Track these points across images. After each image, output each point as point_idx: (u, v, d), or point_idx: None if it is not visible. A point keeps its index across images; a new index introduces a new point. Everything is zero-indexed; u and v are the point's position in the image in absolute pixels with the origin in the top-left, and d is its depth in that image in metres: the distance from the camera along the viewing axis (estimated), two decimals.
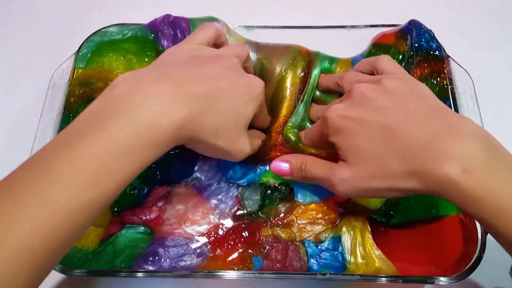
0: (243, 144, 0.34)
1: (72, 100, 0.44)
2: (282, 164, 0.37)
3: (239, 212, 0.40)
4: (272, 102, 0.44)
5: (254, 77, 0.35)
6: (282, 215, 0.40)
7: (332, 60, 0.45)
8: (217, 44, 0.39)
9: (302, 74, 0.44)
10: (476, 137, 0.27)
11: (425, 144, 0.27)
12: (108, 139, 0.25)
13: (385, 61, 0.37)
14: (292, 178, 0.38)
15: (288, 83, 0.43)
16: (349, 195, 0.36)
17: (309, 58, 0.44)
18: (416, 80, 0.34)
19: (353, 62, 0.44)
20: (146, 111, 0.26)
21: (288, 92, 0.44)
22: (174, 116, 0.27)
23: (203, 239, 0.39)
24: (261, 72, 0.44)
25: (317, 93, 0.45)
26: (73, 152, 0.24)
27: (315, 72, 0.44)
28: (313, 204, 0.40)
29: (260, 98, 0.34)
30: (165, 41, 0.45)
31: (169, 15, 0.45)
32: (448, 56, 0.45)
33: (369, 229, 0.39)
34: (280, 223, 0.40)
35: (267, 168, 0.41)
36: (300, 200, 0.40)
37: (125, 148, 0.25)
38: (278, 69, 0.43)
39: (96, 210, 0.25)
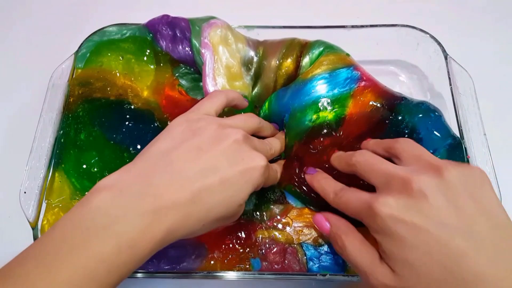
0: (237, 213, 0.33)
1: (71, 100, 0.44)
2: (323, 222, 0.34)
3: None
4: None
5: (255, 155, 0.32)
6: (278, 217, 0.40)
7: (328, 47, 0.43)
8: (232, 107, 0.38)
9: (292, 62, 0.42)
10: None
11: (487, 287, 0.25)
12: (88, 259, 0.24)
13: (408, 145, 0.32)
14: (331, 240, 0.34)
15: (283, 73, 0.43)
16: None
17: (301, 48, 0.43)
18: (478, 173, 0.29)
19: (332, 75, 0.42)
20: (127, 230, 0.26)
21: (283, 82, 0.43)
22: (155, 232, 0.27)
23: (201, 240, 0.39)
24: (260, 69, 0.44)
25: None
26: (50, 275, 0.24)
27: (304, 62, 0.42)
28: (306, 208, 0.40)
29: (260, 179, 0.32)
30: (164, 42, 0.44)
31: (167, 16, 0.45)
32: (448, 56, 0.46)
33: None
34: (276, 224, 0.39)
35: None
36: (292, 203, 0.40)
37: (104, 268, 0.25)
38: (273, 63, 0.43)
39: None
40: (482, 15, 0.60)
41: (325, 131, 0.40)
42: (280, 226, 0.39)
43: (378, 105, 0.40)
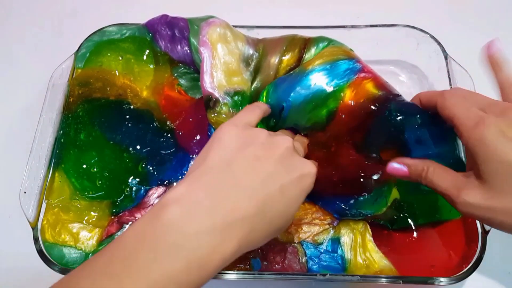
0: (287, 225, 0.32)
1: (71, 100, 0.44)
2: (399, 167, 0.34)
3: None
4: None
5: (306, 163, 0.32)
6: None
7: (332, 41, 0.43)
8: None
9: (294, 56, 0.42)
10: None
11: None
12: (158, 275, 0.24)
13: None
14: (411, 180, 0.34)
15: (285, 66, 0.42)
16: (472, 217, 0.32)
17: (304, 42, 0.42)
18: None
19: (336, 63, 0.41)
20: (198, 247, 0.25)
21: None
22: (225, 251, 0.26)
23: None
24: (260, 66, 0.43)
25: None
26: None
27: (308, 55, 0.41)
28: (305, 203, 0.39)
29: (311, 186, 0.32)
30: (163, 42, 0.44)
31: (166, 16, 0.45)
32: (448, 56, 0.45)
33: (370, 231, 0.39)
34: None
35: None
36: None
37: (173, 286, 0.24)
38: (273, 60, 0.43)
39: None
40: (482, 15, 0.60)
41: (320, 125, 0.39)
42: None
43: (373, 97, 0.38)
